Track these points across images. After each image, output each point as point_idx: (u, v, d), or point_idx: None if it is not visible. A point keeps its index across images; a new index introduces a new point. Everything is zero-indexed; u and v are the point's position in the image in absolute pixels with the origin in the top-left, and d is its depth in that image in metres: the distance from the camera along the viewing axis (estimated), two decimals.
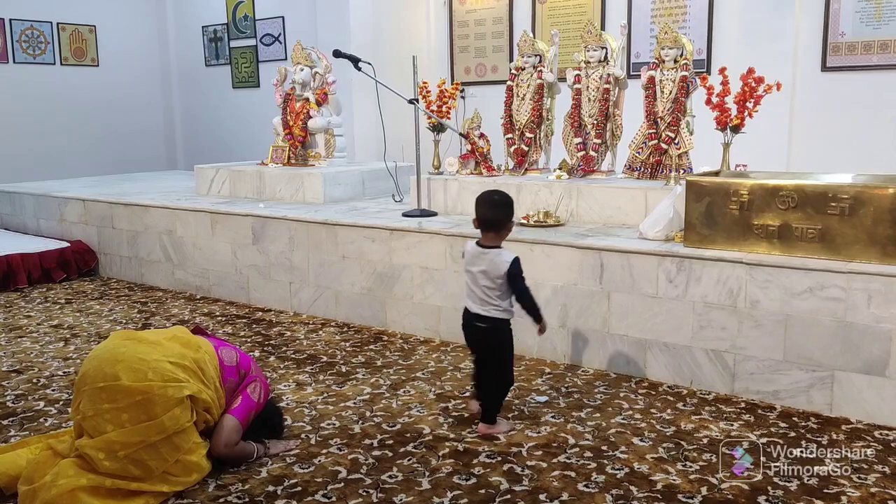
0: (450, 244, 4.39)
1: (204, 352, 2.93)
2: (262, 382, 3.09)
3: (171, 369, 2.75)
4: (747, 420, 3.31)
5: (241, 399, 2.96)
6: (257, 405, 3.01)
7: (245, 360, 3.10)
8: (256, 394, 3.02)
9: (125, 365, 2.69)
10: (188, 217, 5.78)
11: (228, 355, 3.03)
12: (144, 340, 2.85)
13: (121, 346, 2.80)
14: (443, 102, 5.35)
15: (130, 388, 2.65)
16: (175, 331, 3.02)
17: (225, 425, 2.89)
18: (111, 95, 9.56)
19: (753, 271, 3.47)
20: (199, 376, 2.83)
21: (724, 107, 4.14)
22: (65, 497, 2.55)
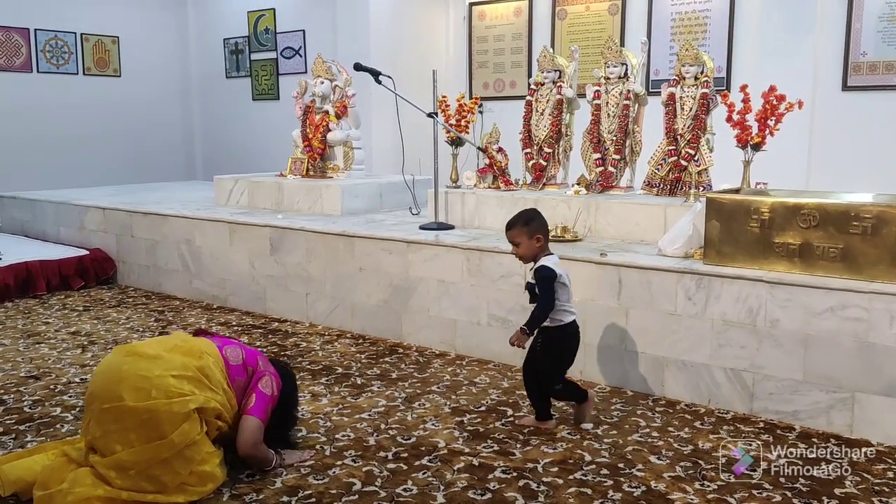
0: (466, 258, 4.39)
1: (208, 356, 2.89)
2: (272, 375, 3.05)
3: (175, 384, 2.70)
4: (766, 440, 3.27)
5: (255, 397, 2.93)
6: (272, 398, 2.98)
7: (252, 355, 3.06)
8: (269, 388, 2.98)
9: (128, 384, 2.66)
10: (206, 227, 5.81)
11: (234, 354, 2.99)
12: (145, 355, 2.78)
13: (122, 363, 2.75)
14: (461, 116, 5.36)
15: (135, 409, 2.62)
16: (175, 339, 2.97)
17: (247, 426, 2.88)
18: (133, 106, 9.65)
19: (774, 290, 3.44)
20: (206, 384, 2.80)
21: (744, 124, 4.13)
22: None
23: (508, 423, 3.47)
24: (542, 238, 3.22)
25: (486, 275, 4.32)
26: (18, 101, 8.62)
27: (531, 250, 3.22)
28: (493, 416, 3.56)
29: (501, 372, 4.16)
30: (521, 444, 3.25)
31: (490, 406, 3.68)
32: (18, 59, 8.69)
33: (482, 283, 4.35)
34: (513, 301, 4.23)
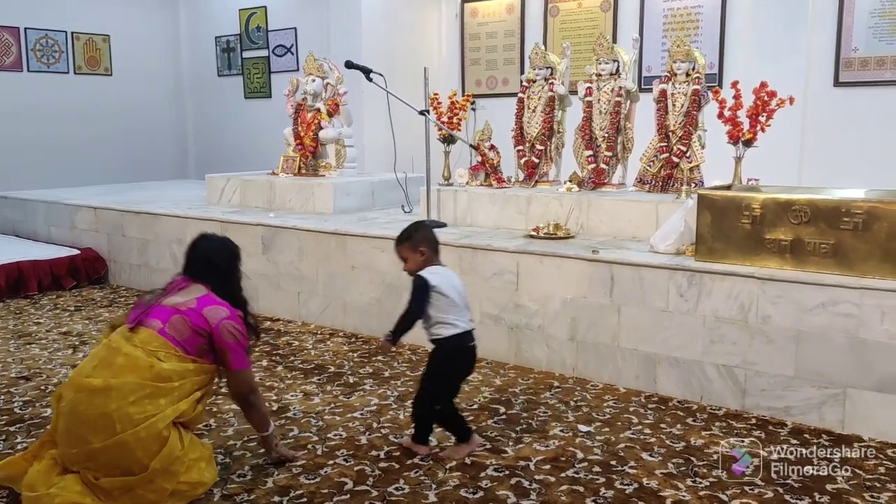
0: (459, 255, 4.38)
1: (154, 358, 2.68)
2: (228, 319, 2.80)
3: (136, 410, 2.58)
4: (758, 436, 3.28)
5: (228, 352, 2.79)
6: (244, 340, 2.84)
7: (196, 316, 2.77)
8: (234, 335, 2.80)
9: (89, 426, 2.58)
10: (198, 226, 5.77)
11: (177, 329, 2.74)
12: (96, 389, 2.61)
13: (77, 402, 2.62)
14: (454, 114, 5.35)
15: (104, 448, 2.56)
16: (115, 352, 2.70)
17: (235, 381, 2.87)
18: (124, 105, 9.61)
19: (765, 286, 3.44)
20: (166, 389, 2.66)
21: (736, 120, 4.13)
22: None
23: (501, 421, 3.46)
24: (426, 251, 3.09)
25: (479, 272, 4.31)
26: (9, 101, 8.58)
27: (417, 264, 3.09)
28: (485, 413, 3.55)
29: (494, 370, 4.16)
30: (514, 442, 3.24)
31: (482, 404, 3.68)
32: (9, 59, 8.64)
33: (475, 281, 4.34)
34: (505, 298, 4.22)
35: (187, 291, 2.85)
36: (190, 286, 2.87)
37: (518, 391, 3.85)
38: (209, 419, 3.51)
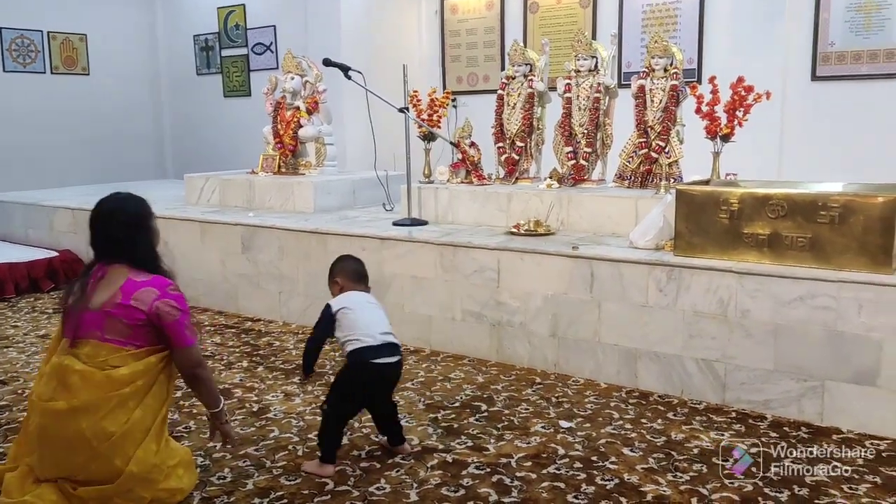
0: (440, 253, 4.37)
1: (110, 367, 2.56)
2: (161, 299, 2.61)
3: (109, 423, 2.52)
4: (738, 430, 3.29)
5: (171, 332, 2.62)
6: (184, 317, 2.65)
7: (128, 311, 2.58)
8: (173, 313, 2.61)
9: (65, 447, 2.53)
10: (177, 226, 5.74)
11: (118, 331, 2.57)
12: (61, 412, 2.53)
13: (46, 426, 2.55)
14: (433, 111, 5.33)
15: (84, 463, 2.53)
16: (73, 377, 2.56)
17: (180, 358, 2.68)
18: (102, 104, 9.51)
19: (743, 280, 3.46)
20: (132, 390, 2.57)
21: (713, 116, 4.14)
22: None
23: (482, 419, 3.46)
24: (340, 281, 3.20)
25: (460, 270, 4.31)
26: None
27: (335, 294, 3.19)
28: (467, 411, 3.55)
29: (476, 367, 4.15)
30: (495, 439, 3.24)
31: (464, 402, 3.67)
32: None
33: (456, 279, 4.33)
34: (486, 296, 4.22)
35: (108, 281, 2.63)
36: (107, 273, 2.65)
37: (500, 388, 3.84)
38: (189, 421, 3.48)
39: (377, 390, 3.07)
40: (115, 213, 2.74)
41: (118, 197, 2.81)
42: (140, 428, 2.60)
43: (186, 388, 3.84)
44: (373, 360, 2.96)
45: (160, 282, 2.66)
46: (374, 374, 2.98)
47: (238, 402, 3.71)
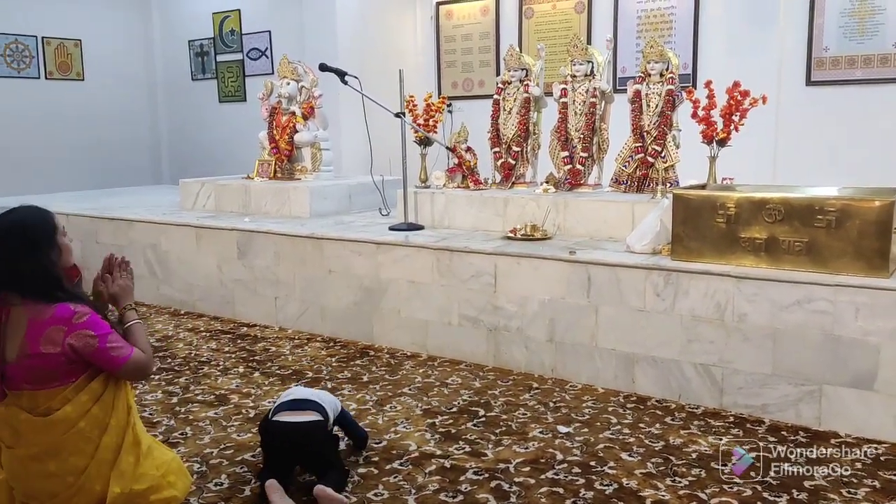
0: (436, 258, 4.37)
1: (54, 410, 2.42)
2: (70, 331, 2.38)
3: (76, 459, 2.44)
4: (736, 434, 3.29)
5: (98, 361, 2.45)
6: (102, 342, 2.42)
7: (45, 359, 2.38)
8: (88, 345, 2.40)
9: (40, 486, 2.46)
10: (173, 231, 5.73)
11: (45, 377, 2.40)
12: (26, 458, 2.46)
13: (14, 469, 2.50)
14: (429, 116, 5.34)
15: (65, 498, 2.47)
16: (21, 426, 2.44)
17: (127, 375, 2.53)
18: (96, 110, 9.48)
19: (741, 284, 3.46)
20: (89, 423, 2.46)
21: (710, 120, 4.15)
22: None
23: (480, 424, 3.45)
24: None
25: (457, 275, 4.30)
26: None
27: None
28: (464, 416, 3.54)
29: (473, 372, 4.15)
30: (493, 444, 3.23)
31: (462, 407, 3.66)
32: None
33: (452, 284, 4.33)
34: (483, 300, 4.22)
35: (11, 329, 2.41)
36: (9, 317, 2.42)
37: (497, 393, 3.84)
38: (185, 427, 3.46)
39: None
40: (7, 235, 2.44)
41: (12, 214, 2.49)
42: (111, 449, 2.51)
43: (182, 394, 3.86)
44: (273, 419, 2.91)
45: (62, 313, 2.39)
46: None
47: (234, 408, 3.69)
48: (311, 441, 2.87)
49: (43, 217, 2.51)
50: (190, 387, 4.01)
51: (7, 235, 2.43)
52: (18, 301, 2.41)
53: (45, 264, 2.44)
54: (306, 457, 2.89)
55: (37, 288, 2.41)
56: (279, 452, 2.87)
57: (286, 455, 2.87)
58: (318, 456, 2.88)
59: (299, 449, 2.86)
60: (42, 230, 2.48)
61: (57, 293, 2.42)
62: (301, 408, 2.93)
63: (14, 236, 2.42)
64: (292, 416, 2.89)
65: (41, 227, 2.49)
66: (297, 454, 2.87)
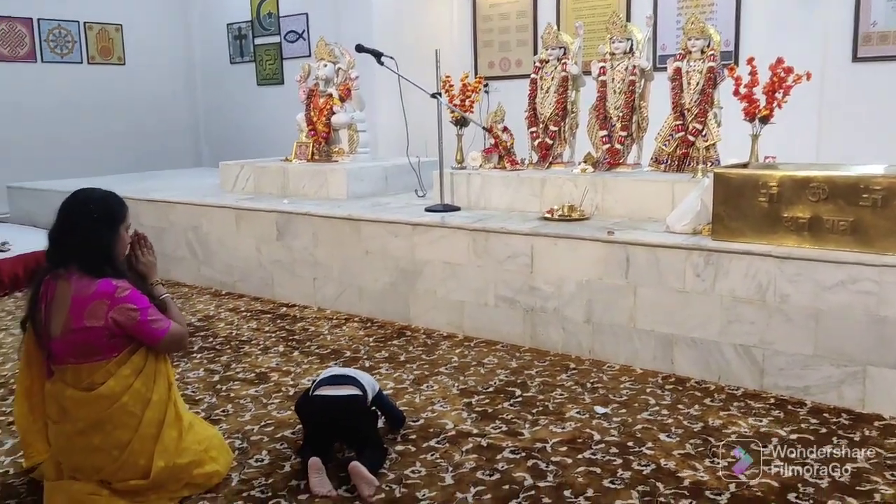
0: (472, 239, 4.36)
1: (98, 383, 2.53)
2: (111, 305, 2.49)
3: (120, 433, 2.54)
4: (777, 416, 3.25)
5: (137, 334, 2.56)
6: (143, 315, 2.54)
7: (89, 333, 2.50)
8: (130, 318, 2.51)
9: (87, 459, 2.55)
10: (213, 213, 5.80)
11: (89, 350, 2.52)
12: (72, 433, 2.55)
13: (61, 442, 2.60)
14: (466, 96, 5.31)
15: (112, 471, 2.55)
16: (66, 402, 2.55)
17: (165, 349, 2.66)
18: (137, 94, 9.64)
19: (783, 265, 3.40)
20: (132, 398, 2.56)
21: (752, 97, 4.06)
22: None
23: (517, 404, 3.46)
24: None
25: (493, 255, 4.30)
26: (24, 92, 8.63)
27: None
28: (501, 396, 3.55)
29: (509, 352, 4.15)
30: (530, 424, 3.24)
31: (498, 387, 3.67)
32: (23, 49, 8.69)
33: (489, 264, 4.32)
34: (520, 281, 4.21)
35: (57, 304, 2.53)
36: (55, 293, 2.54)
37: (534, 373, 3.83)
38: (227, 404, 3.52)
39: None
40: (86, 205, 2.60)
41: (98, 191, 2.69)
42: (154, 423, 2.59)
43: (224, 372, 3.93)
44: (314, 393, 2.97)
45: (105, 288, 2.50)
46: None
47: (274, 386, 3.75)
48: (351, 414, 2.91)
49: (120, 202, 2.70)
50: (231, 365, 4.08)
51: (92, 208, 2.60)
52: (66, 276, 2.52)
53: (109, 243, 2.60)
54: (345, 431, 2.92)
55: (93, 262, 2.54)
56: (319, 427, 2.91)
57: (326, 429, 2.91)
58: (357, 430, 2.91)
59: (339, 422, 2.90)
60: (117, 213, 2.67)
61: (106, 269, 2.55)
62: (341, 383, 2.98)
63: (97, 209, 2.60)
64: (332, 390, 2.95)
65: (117, 210, 2.67)
66: (336, 428, 2.91)
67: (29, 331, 2.64)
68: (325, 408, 2.91)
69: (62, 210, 2.61)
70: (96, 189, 2.70)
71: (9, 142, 8.50)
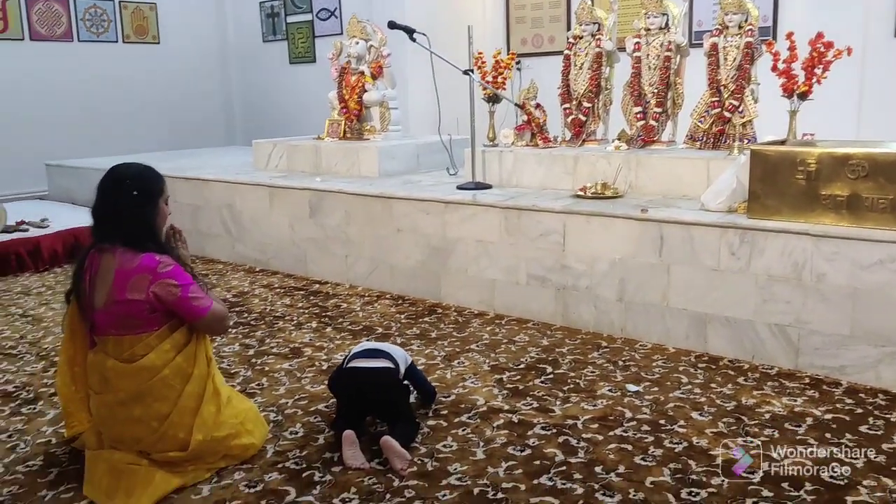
0: (504, 217, 4.36)
1: (139, 355, 2.57)
2: (155, 281, 2.53)
3: (160, 406, 2.58)
4: (811, 396, 3.22)
5: (178, 310, 2.59)
6: (185, 292, 2.57)
7: (130, 305, 2.54)
8: (171, 293, 2.55)
9: (127, 430, 2.60)
10: (247, 191, 5.86)
11: (131, 323, 2.56)
12: (114, 403, 2.60)
13: (102, 413, 2.65)
14: (498, 73, 5.27)
15: (151, 442, 2.60)
16: (107, 373, 2.60)
17: (204, 328, 2.68)
18: (172, 72, 9.72)
19: (820, 243, 3.35)
20: (172, 371, 2.61)
21: (790, 73, 3.99)
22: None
23: (548, 381, 3.46)
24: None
25: (525, 233, 4.29)
26: (61, 71, 8.74)
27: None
28: (532, 373, 3.56)
29: (541, 330, 4.15)
30: (561, 401, 3.24)
31: (529, 364, 3.68)
32: (59, 29, 8.79)
33: (520, 242, 4.32)
34: (551, 260, 4.20)
35: (101, 277, 2.58)
36: (99, 266, 2.59)
37: (565, 351, 3.84)
38: (262, 378, 3.58)
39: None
40: (123, 181, 2.64)
41: (135, 165, 2.73)
42: (193, 397, 2.64)
43: (258, 347, 3.98)
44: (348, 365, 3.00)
45: (148, 262, 2.54)
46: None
47: (308, 361, 3.79)
48: (382, 386, 2.94)
49: (157, 176, 2.73)
50: (266, 340, 4.13)
51: (129, 184, 2.63)
52: (111, 249, 2.57)
53: (150, 217, 2.65)
54: (377, 404, 2.95)
55: (136, 236, 2.59)
56: (351, 399, 2.94)
57: (358, 401, 2.94)
58: (389, 403, 2.94)
59: (370, 394, 2.93)
60: (157, 187, 2.70)
61: (150, 244, 2.60)
62: (374, 356, 3.01)
63: (135, 185, 2.63)
64: (365, 362, 2.98)
65: (156, 185, 2.70)
66: (368, 400, 2.94)
67: (73, 302, 2.70)
68: (358, 379, 2.95)
69: (100, 187, 2.65)
70: (132, 164, 2.74)
71: (47, 120, 8.63)
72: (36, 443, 2.99)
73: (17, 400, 3.42)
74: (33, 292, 5.29)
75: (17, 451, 2.92)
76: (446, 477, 2.64)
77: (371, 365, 2.97)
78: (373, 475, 2.67)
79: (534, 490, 2.54)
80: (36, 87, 8.56)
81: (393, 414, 2.92)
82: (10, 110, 8.34)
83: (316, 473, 2.69)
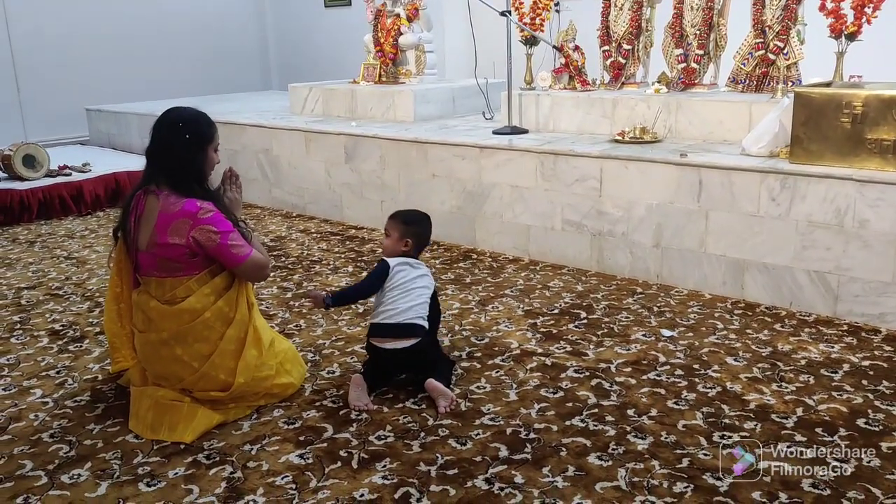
0: (540, 162, 4.32)
1: (179, 298, 2.63)
2: (196, 225, 2.56)
3: (200, 346, 2.65)
4: (849, 343, 3.19)
5: (218, 256, 2.62)
6: (225, 238, 2.59)
7: (172, 249, 2.58)
8: (211, 240, 2.57)
9: (169, 368, 2.67)
10: (283, 136, 5.88)
11: (172, 266, 2.62)
12: (157, 342, 2.66)
13: (146, 351, 2.71)
14: (536, 14, 5.17)
15: (192, 381, 2.65)
16: (151, 312, 2.66)
17: (243, 274, 2.70)
18: (207, 17, 9.70)
19: (864, 188, 3.27)
20: (213, 314, 2.65)
21: (839, 13, 3.85)
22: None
23: (582, 325, 3.47)
24: (410, 243, 3.00)
25: (561, 179, 4.26)
26: (100, 17, 8.76)
27: (394, 249, 3.01)
28: (566, 318, 3.57)
29: (575, 276, 4.15)
30: (595, 345, 3.26)
31: (563, 309, 3.69)
32: None
33: (556, 188, 4.29)
34: (587, 205, 4.17)
35: (145, 219, 2.62)
36: (144, 208, 2.63)
37: (600, 297, 3.83)
38: (299, 320, 3.64)
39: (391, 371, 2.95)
40: (176, 124, 2.66)
41: (189, 110, 2.75)
42: (234, 340, 2.69)
43: (296, 290, 4.04)
44: (371, 340, 2.92)
45: (190, 207, 2.57)
46: (375, 352, 2.92)
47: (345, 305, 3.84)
48: (418, 360, 2.90)
49: (209, 122, 2.75)
50: (303, 283, 4.19)
51: (182, 127, 2.66)
52: (156, 192, 2.61)
53: (197, 162, 2.68)
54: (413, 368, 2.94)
55: (181, 181, 2.62)
56: (386, 371, 2.94)
57: (393, 371, 2.95)
58: (425, 363, 2.91)
59: (406, 367, 2.93)
60: (206, 133, 2.72)
61: (196, 188, 2.63)
62: (405, 335, 2.87)
63: (187, 128, 2.66)
64: (395, 343, 2.87)
65: (206, 131, 2.72)
66: (404, 370, 2.95)
67: (120, 240, 2.77)
68: (393, 357, 2.88)
69: (154, 129, 2.69)
70: (187, 108, 2.75)
71: (86, 66, 8.69)
72: (83, 379, 3.09)
73: (65, 338, 3.54)
74: (77, 235, 5.42)
75: (66, 387, 3.03)
76: (479, 417, 2.68)
77: (402, 346, 2.86)
78: (408, 414, 2.72)
79: (565, 431, 2.57)
80: (74, 33, 8.60)
81: (430, 367, 2.92)
82: (50, 56, 8.41)
83: (352, 412, 2.75)
